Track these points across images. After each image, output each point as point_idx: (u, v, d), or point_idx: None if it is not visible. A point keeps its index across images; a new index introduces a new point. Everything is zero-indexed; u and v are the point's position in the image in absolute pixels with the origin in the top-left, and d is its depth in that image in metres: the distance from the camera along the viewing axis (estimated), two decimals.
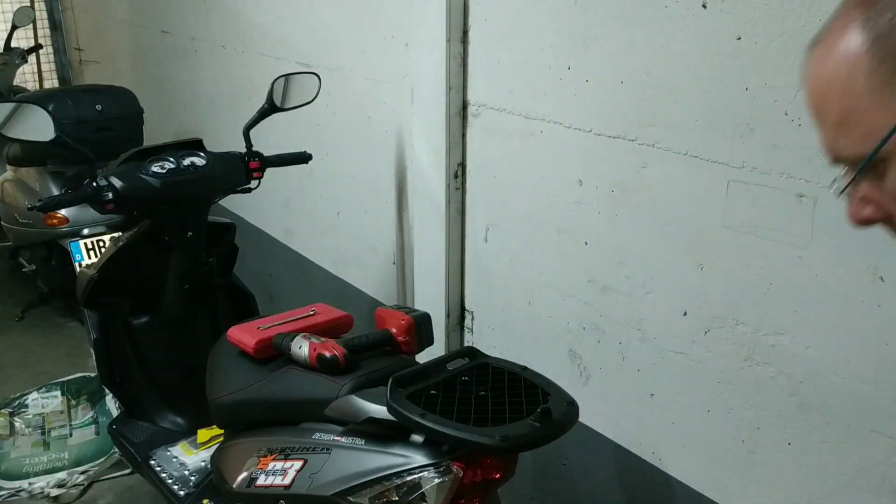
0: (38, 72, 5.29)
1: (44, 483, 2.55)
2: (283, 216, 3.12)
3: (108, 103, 3.22)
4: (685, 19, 1.46)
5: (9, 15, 4.45)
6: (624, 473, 1.85)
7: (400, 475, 1.28)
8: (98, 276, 2.07)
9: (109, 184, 1.90)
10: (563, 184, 1.82)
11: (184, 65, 3.69)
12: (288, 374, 1.54)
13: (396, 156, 2.40)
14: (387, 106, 2.39)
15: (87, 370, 3.07)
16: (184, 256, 2.08)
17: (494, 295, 2.12)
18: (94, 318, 2.21)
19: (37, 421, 2.82)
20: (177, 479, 2.09)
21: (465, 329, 2.26)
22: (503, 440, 1.14)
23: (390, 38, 2.30)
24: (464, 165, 2.11)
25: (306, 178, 2.83)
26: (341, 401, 1.40)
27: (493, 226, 2.07)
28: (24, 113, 1.80)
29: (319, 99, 2.20)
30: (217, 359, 1.75)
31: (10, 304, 3.78)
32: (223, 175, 2.10)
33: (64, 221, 3.14)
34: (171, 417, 2.30)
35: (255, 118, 2.14)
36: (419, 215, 2.25)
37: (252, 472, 1.51)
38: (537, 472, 2.11)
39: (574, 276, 1.84)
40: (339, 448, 1.38)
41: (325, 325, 1.70)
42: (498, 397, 1.27)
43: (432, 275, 2.24)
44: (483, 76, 1.99)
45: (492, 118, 1.99)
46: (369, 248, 2.64)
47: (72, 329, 3.57)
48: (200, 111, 3.64)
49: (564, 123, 1.78)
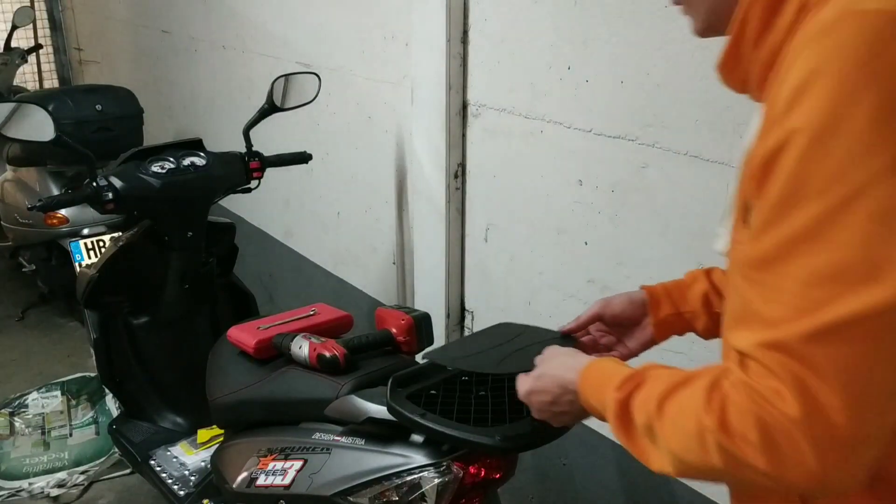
0: (38, 72, 5.29)
1: (44, 483, 2.55)
2: (283, 216, 3.12)
3: (108, 103, 3.22)
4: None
5: (9, 15, 4.45)
6: (624, 473, 1.86)
7: (400, 475, 1.28)
8: (98, 275, 2.07)
9: (109, 184, 1.90)
10: (563, 184, 1.82)
11: (184, 65, 3.69)
12: (288, 374, 1.54)
13: (396, 156, 2.40)
14: (387, 106, 2.39)
15: (87, 370, 3.06)
16: (184, 256, 2.08)
17: (494, 295, 2.12)
18: (94, 318, 2.21)
19: (37, 421, 2.82)
20: (177, 479, 2.09)
21: (465, 329, 2.26)
22: (503, 440, 1.14)
23: (390, 38, 2.30)
24: (464, 165, 2.11)
25: (306, 178, 2.83)
26: (341, 401, 1.40)
27: (493, 226, 2.07)
28: (24, 113, 1.80)
29: (319, 99, 2.20)
30: (217, 359, 1.75)
31: (10, 304, 3.78)
32: (223, 175, 2.10)
33: (64, 221, 3.14)
34: (171, 417, 2.30)
35: (255, 118, 2.14)
36: (419, 215, 2.25)
37: (252, 472, 1.51)
38: (537, 472, 2.11)
39: (574, 276, 1.84)
40: (339, 448, 1.38)
41: (325, 325, 1.70)
42: (498, 397, 1.27)
43: (432, 275, 2.24)
44: (483, 76, 1.99)
45: (492, 118, 1.99)
46: (369, 248, 2.64)
47: (72, 329, 3.57)
48: (200, 111, 3.64)
49: (564, 123, 1.78)
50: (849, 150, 0.61)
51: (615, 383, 0.83)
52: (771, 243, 0.66)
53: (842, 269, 0.62)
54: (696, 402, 0.71)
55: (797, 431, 0.64)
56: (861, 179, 0.61)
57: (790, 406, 0.64)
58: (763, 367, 0.66)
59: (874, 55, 0.61)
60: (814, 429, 0.63)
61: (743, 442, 0.67)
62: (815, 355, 0.63)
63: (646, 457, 0.80)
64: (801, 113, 0.63)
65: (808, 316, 0.63)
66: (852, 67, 0.61)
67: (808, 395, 0.63)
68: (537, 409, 1.02)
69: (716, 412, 0.69)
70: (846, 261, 0.62)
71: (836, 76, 0.61)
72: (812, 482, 0.65)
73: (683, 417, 0.73)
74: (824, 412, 0.63)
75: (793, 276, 0.64)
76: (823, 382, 0.63)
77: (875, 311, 0.61)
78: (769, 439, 0.65)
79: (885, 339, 0.62)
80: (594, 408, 0.90)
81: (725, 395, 0.69)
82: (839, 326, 0.62)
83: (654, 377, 0.80)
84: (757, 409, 0.66)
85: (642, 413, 0.79)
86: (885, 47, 0.61)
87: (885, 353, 0.63)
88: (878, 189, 0.61)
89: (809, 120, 0.62)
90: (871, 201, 0.61)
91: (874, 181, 0.61)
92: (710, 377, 0.72)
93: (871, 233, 0.61)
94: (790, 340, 0.64)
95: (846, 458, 0.64)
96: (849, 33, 0.62)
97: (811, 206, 0.63)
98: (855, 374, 0.63)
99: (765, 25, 0.72)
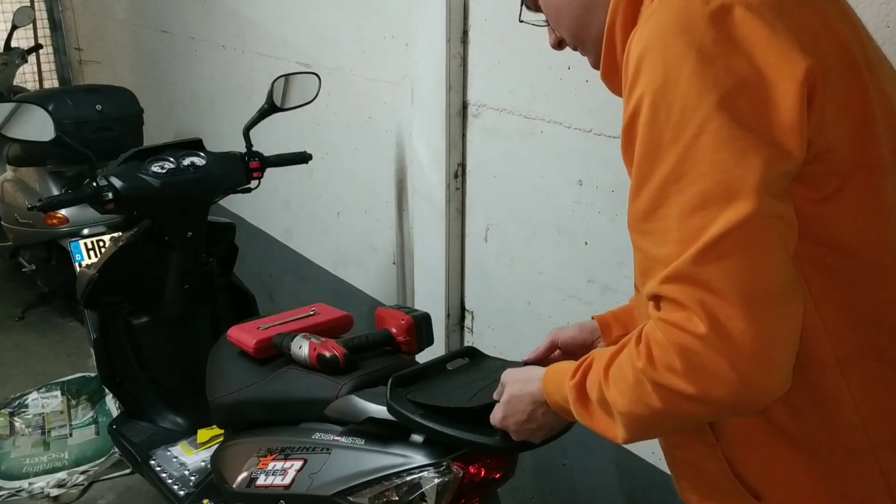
0: (38, 72, 5.29)
1: (44, 483, 2.55)
2: (283, 216, 3.12)
3: (108, 103, 3.22)
4: None
5: (9, 15, 4.45)
6: (624, 473, 1.86)
7: (400, 475, 1.28)
8: (98, 275, 2.07)
9: (109, 184, 1.90)
10: (563, 184, 1.82)
11: (184, 65, 3.69)
12: (288, 374, 1.54)
13: (396, 156, 2.40)
14: (387, 106, 2.39)
15: (87, 370, 3.07)
16: (184, 256, 2.08)
17: (494, 295, 2.12)
18: (94, 318, 2.21)
19: (37, 421, 2.82)
20: (177, 479, 2.09)
21: (465, 329, 2.26)
22: (503, 440, 1.14)
23: (390, 38, 2.30)
24: (464, 165, 2.11)
25: (306, 178, 2.83)
26: (341, 401, 1.40)
27: (493, 226, 2.07)
28: (24, 113, 1.80)
29: (319, 99, 2.20)
30: (217, 359, 1.75)
31: (10, 304, 3.78)
32: (223, 175, 2.10)
33: (64, 221, 3.14)
34: (171, 417, 2.30)
35: (255, 118, 2.14)
36: (419, 215, 2.25)
37: (252, 472, 1.52)
38: (537, 472, 2.11)
39: (574, 276, 1.84)
40: (339, 448, 1.38)
41: (325, 325, 1.70)
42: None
43: (432, 275, 2.24)
44: (483, 76, 1.99)
45: (492, 118, 1.99)
46: (369, 248, 2.64)
47: (72, 329, 3.57)
48: (200, 111, 3.64)
49: (564, 123, 1.78)
50: (684, 100, 0.73)
51: (569, 374, 0.93)
52: (648, 194, 0.76)
53: (706, 196, 0.72)
54: (629, 354, 0.80)
55: (709, 348, 0.72)
56: (699, 120, 0.72)
57: (699, 326, 0.72)
58: (670, 301, 0.74)
59: (686, 25, 0.75)
60: (722, 341, 0.71)
61: (670, 371, 0.75)
62: (707, 275, 0.72)
63: (608, 431, 0.89)
64: (642, 82, 0.77)
65: (692, 243, 0.72)
66: (671, 37, 0.75)
67: (711, 313, 0.71)
68: (515, 430, 1.09)
69: (643, 354, 0.77)
70: (707, 189, 0.72)
71: (662, 46, 0.76)
72: (736, 394, 0.73)
73: (623, 372, 0.81)
74: (727, 324, 0.71)
75: (672, 215, 0.74)
76: (719, 297, 0.71)
77: (740, 224, 0.70)
78: (690, 363, 0.73)
79: (760, 246, 0.72)
80: (561, 406, 0.99)
81: (648, 337, 0.78)
82: (717, 244, 0.71)
83: (599, 356, 0.89)
84: (674, 337, 0.74)
85: (595, 388, 0.87)
86: (691, 17, 0.75)
87: (763, 257, 0.72)
88: (713, 123, 0.72)
89: (650, 85, 0.76)
90: (711, 135, 0.72)
91: (709, 118, 0.72)
92: (637, 331, 0.81)
93: (719, 160, 0.72)
94: (683, 269, 0.73)
95: (759, 362, 0.72)
96: (662, 15, 0.77)
97: (669, 153, 0.74)
98: (744, 283, 0.71)
99: (626, 33, 0.84)
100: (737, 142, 0.72)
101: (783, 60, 0.73)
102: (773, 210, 0.72)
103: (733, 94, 0.72)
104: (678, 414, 0.79)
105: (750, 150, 0.71)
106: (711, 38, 0.73)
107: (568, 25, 0.98)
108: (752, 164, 0.71)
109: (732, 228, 0.71)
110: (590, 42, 0.98)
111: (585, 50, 1.02)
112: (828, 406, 0.82)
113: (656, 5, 0.78)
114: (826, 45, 0.78)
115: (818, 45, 0.77)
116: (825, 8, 0.83)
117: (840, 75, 0.78)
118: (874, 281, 0.81)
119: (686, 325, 0.73)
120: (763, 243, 0.72)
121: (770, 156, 0.72)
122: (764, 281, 0.72)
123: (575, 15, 0.96)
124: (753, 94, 0.73)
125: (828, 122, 0.75)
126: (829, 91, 0.75)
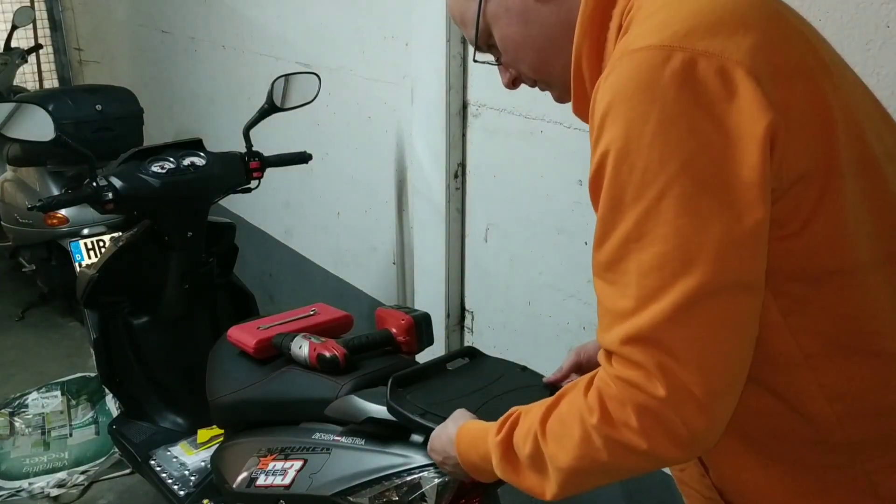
0: (38, 72, 5.29)
1: (44, 483, 2.55)
2: (283, 216, 3.12)
3: (108, 103, 3.22)
4: None
5: (9, 15, 4.45)
6: None
7: (400, 475, 1.28)
8: (98, 275, 2.07)
9: (109, 184, 1.90)
10: (563, 184, 1.82)
11: (184, 65, 3.69)
12: (288, 374, 1.54)
13: (396, 156, 2.40)
14: (387, 106, 2.39)
15: (87, 370, 3.06)
16: (184, 256, 2.08)
17: (494, 295, 2.12)
18: (94, 318, 2.21)
19: (37, 421, 2.82)
20: (177, 479, 2.09)
21: (465, 329, 2.26)
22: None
23: (390, 38, 2.30)
24: (464, 165, 2.11)
25: (306, 178, 2.83)
26: (341, 401, 1.40)
27: (493, 226, 2.07)
28: (24, 113, 1.80)
29: (319, 99, 2.20)
30: (217, 359, 1.75)
31: (10, 304, 3.78)
32: (223, 175, 2.10)
33: (64, 221, 3.14)
34: (171, 417, 2.30)
35: (255, 118, 2.14)
36: (419, 215, 2.25)
37: (252, 472, 1.51)
38: None
39: (574, 276, 1.84)
40: (339, 448, 1.38)
41: (325, 325, 1.69)
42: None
43: (432, 275, 2.24)
44: (483, 76, 1.99)
45: (492, 118, 1.99)
46: (369, 248, 2.64)
47: (72, 329, 3.57)
48: (200, 111, 3.64)
49: (564, 123, 1.78)
50: (647, 161, 0.73)
51: (492, 431, 0.93)
52: (610, 248, 0.78)
53: (665, 259, 0.72)
54: (576, 407, 0.81)
55: (667, 409, 0.73)
56: (661, 185, 0.72)
57: (658, 389, 0.73)
58: (627, 360, 0.75)
59: (648, 83, 0.73)
60: (679, 404, 0.73)
61: (625, 428, 0.75)
62: (670, 340, 0.72)
63: (535, 487, 0.88)
64: (605, 138, 0.76)
65: (650, 304, 0.73)
66: (633, 94, 0.74)
67: (671, 376, 0.73)
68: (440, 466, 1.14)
69: (597, 409, 0.77)
70: (666, 252, 0.72)
71: (625, 104, 0.74)
72: (685, 451, 0.76)
73: (567, 427, 0.81)
74: (686, 388, 0.72)
75: (631, 271, 0.75)
76: (679, 363, 0.72)
77: (697, 295, 0.71)
78: (646, 422, 0.74)
79: (717, 315, 0.73)
80: (476, 465, 1.00)
81: (601, 392, 0.78)
82: (676, 311, 0.72)
83: (527, 411, 0.89)
84: (631, 396, 0.75)
85: (527, 443, 0.87)
86: (654, 74, 0.73)
87: (720, 327, 0.73)
88: (675, 189, 0.72)
89: (613, 143, 0.75)
90: (673, 200, 0.72)
91: (671, 183, 0.72)
92: (583, 383, 0.81)
93: (680, 226, 0.72)
94: (645, 330, 0.73)
95: (709, 422, 0.74)
96: (624, 71, 0.75)
97: (631, 212, 0.74)
98: (702, 352, 0.73)
99: (594, 71, 0.86)
100: (699, 208, 0.71)
101: (744, 119, 0.71)
102: (729, 279, 0.72)
103: (696, 155, 0.72)
104: (621, 468, 0.80)
105: (712, 217, 0.71)
106: (673, 96, 0.72)
107: (530, 60, 0.97)
108: (713, 232, 0.71)
109: (689, 298, 0.71)
110: (555, 76, 0.97)
111: (549, 85, 1.01)
112: (801, 407, 0.82)
113: (619, 56, 0.76)
114: (798, 72, 0.76)
115: (792, 78, 0.75)
116: (797, 24, 0.82)
117: (803, 89, 0.76)
118: (841, 280, 0.80)
119: (645, 386, 0.74)
120: (722, 314, 0.73)
121: (731, 219, 0.72)
122: (722, 350, 0.73)
123: (537, 48, 0.94)
124: (716, 155, 0.72)
125: (789, 161, 0.74)
126: (791, 134, 0.73)
